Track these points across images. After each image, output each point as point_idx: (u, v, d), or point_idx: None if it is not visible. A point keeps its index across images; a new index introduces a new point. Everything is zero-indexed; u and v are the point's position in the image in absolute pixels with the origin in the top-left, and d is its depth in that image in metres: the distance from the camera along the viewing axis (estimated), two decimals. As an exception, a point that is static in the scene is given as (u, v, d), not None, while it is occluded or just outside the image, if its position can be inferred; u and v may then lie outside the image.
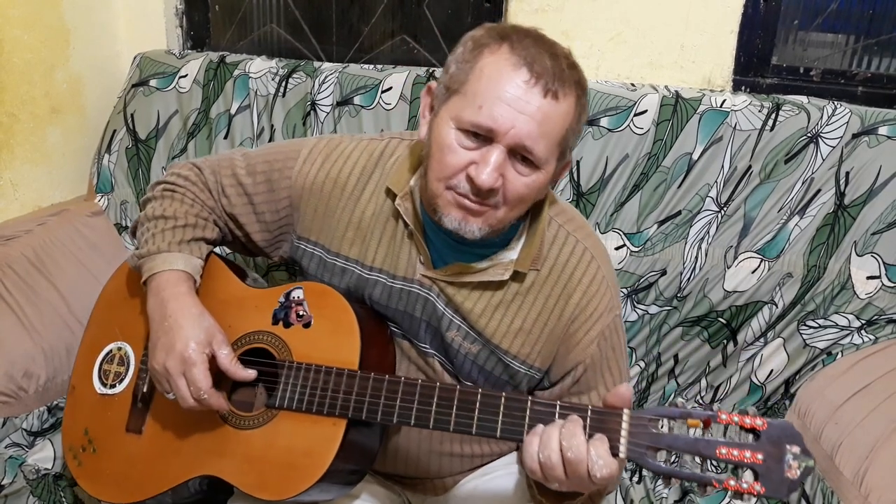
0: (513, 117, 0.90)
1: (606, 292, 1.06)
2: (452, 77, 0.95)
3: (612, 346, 1.07)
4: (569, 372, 1.07)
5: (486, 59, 0.92)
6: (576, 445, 0.84)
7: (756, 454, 0.80)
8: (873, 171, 1.46)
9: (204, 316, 1.07)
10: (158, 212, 1.15)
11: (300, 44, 1.98)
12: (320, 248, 1.13)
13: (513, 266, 1.03)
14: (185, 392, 1.03)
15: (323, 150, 1.14)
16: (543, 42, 0.94)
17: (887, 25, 1.62)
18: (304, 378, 1.04)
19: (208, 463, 1.07)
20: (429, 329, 1.09)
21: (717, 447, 0.82)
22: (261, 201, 1.15)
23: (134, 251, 1.15)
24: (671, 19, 1.64)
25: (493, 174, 0.91)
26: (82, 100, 1.89)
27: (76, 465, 1.18)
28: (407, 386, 0.99)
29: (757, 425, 0.81)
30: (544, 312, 1.05)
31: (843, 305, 1.47)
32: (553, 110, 0.91)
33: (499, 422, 0.93)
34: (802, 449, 0.80)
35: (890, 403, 1.27)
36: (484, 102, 0.90)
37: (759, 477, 0.80)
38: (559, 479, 0.86)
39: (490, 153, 0.92)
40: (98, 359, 1.22)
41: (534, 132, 0.91)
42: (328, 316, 1.07)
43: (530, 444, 0.87)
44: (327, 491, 1.05)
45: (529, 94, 0.90)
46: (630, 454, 0.85)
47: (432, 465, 1.17)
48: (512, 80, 0.90)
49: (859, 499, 1.16)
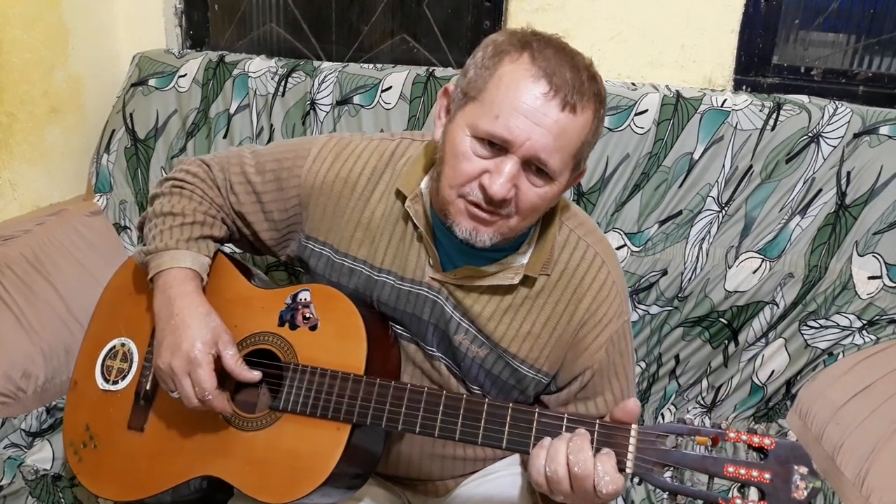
0: (529, 129, 0.88)
1: (616, 297, 1.05)
2: (471, 83, 0.93)
3: (619, 352, 1.07)
4: (576, 377, 1.07)
5: (505, 68, 0.91)
6: (583, 461, 0.84)
7: (763, 473, 0.80)
8: (874, 170, 1.46)
9: (211, 315, 1.06)
10: (167, 208, 1.14)
11: (299, 43, 1.98)
12: (328, 247, 1.12)
13: (523, 270, 1.03)
14: (190, 392, 1.03)
15: (333, 148, 1.13)
16: (565, 52, 0.92)
17: (888, 25, 1.61)
18: (309, 381, 1.03)
19: (210, 463, 1.07)
20: (436, 332, 1.08)
21: (724, 465, 0.81)
22: (269, 200, 1.14)
23: (141, 247, 1.14)
24: (672, 18, 1.64)
25: (506, 185, 0.90)
26: (81, 99, 1.89)
27: (76, 461, 1.17)
28: (413, 393, 0.98)
29: (765, 444, 0.81)
30: (553, 317, 1.05)
31: (845, 306, 1.46)
32: (570, 124, 0.90)
33: (505, 433, 0.92)
34: (810, 469, 0.79)
35: (891, 404, 1.27)
36: (501, 112, 0.89)
37: (766, 496, 0.79)
38: (565, 493, 0.86)
39: (504, 164, 0.90)
40: (101, 355, 1.21)
41: (549, 145, 0.89)
42: (335, 319, 1.06)
43: (537, 457, 0.87)
44: (329, 495, 1.04)
45: (547, 106, 0.88)
46: (637, 470, 0.85)
47: (434, 467, 1.17)
48: (530, 92, 0.88)
49: (860, 499, 1.16)
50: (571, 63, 0.91)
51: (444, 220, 0.98)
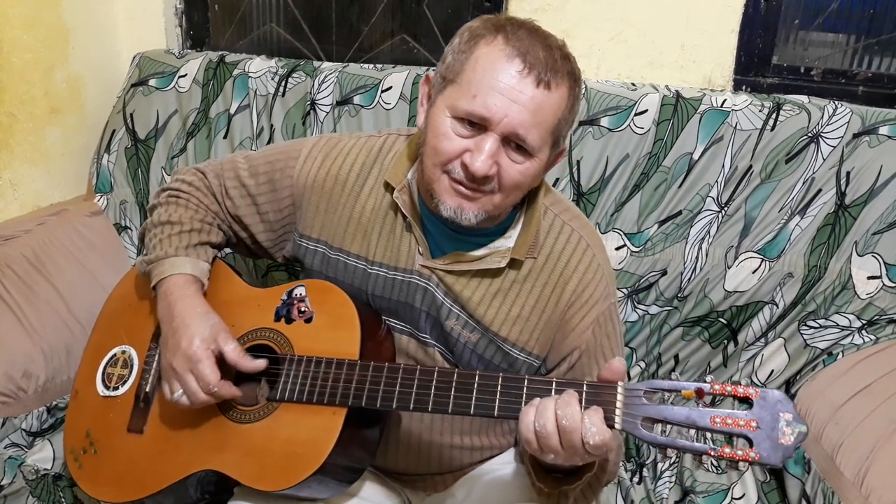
0: (506, 106, 0.92)
1: (602, 280, 1.08)
2: (449, 67, 0.98)
3: (606, 334, 1.09)
4: (564, 358, 1.09)
5: (481, 50, 0.95)
6: (570, 414, 0.85)
7: (750, 422, 0.82)
8: (874, 170, 1.46)
9: (209, 315, 1.09)
10: (164, 217, 1.18)
11: (300, 43, 1.98)
12: (322, 244, 1.15)
13: (510, 254, 1.05)
14: (195, 387, 1.04)
15: (323, 147, 1.16)
16: (538, 33, 0.96)
17: (888, 25, 1.62)
18: (305, 370, 1.05)
19: (209, 458, 1.08)
20: (429, 319, 1.10)
21: (710, 416, 0.83)
22: (264, 202, 1.17)
23: (143, 257, 1.18)
24: (672, 19, 1.64)
25: (487, 161, 0.94)
26: (82, 99, 1.89)
27: (77, 468, 1.18)
28: (406, 372, 1.00)
29: (750, 394, 0.82)
30: (541, 300, 1.07)
31: (844, 305, 1.46)
32: (546, 100, 0.93)
33: (496, 401, 0.94)
34: (795, 415, 0.81)
35: (890, 404, 1.27)
36: (478, 92, 0.93)
37: (754, 444, 0.81)
38: (554, 448, 0.87)
39: (484, 141, 0.94)
40: (102, 363, 1.23)
41: (527, 121, 0.93)
42: (329, 311, 1.08)
43: (526, 414, 0.88)
44: (325, 484, 1.05)
45: (522, 83, 0.92)
46: (625, 425, 0.86)
47: (433, 458, 1.18)
48: (505, 70, 0.92)
49: (860, 499, 1.16)
50: (544, 43, 0.95)
51: (429, 201, 1.02)
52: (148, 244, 1.19)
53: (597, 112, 1.57)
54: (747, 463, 0.81)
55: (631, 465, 1.50)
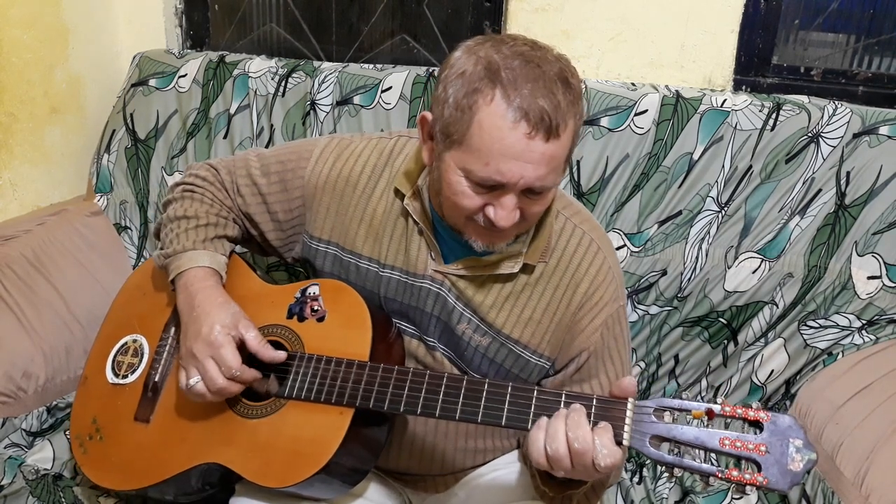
0: (520, 169, 0.91)
1: (612, 282, 1.08)
2: (450, 124, 0.93)
3: (614, 336, 1.09)
4: (573, 359, 1.09)
5: (482, 112, 0.90)
6: (581, 436, 0.86)
7: (759, 445, 0.81)
8: (874, 170, 1.46)
9: (229, 303, 1.10)
10: (180, 212, 1.18)
11: (300, 43, 1.98)
12: (334, 246, 1.15)
13: (522, 259, 1.05)
14: (215, 373, 1.04)
15: (335, 149, 1.17)
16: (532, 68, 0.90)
17: (888, 25, 1.62)
18: (315, 368, 1.06)
19: (213, 451, 1.08)
20: (438, 324, 1.11)
21: (720, 438, 0.82)
22: (274, 201, 1.18)
23: (159, 251, 1.18)
24: (672, 19, 1.64)
25: (511, 216, 0.95)
26: (81, 99, 1.89)
27: (81, 453, 1.19)
28: (415, 376, 1.00)
29: (760, 418, 0.82)
30: (553, 302, 1.08)
31: (844, 305, 1.46)
32: (556, 148, 0.92)
33: (504, 410, 0.94)
34: (805, 442, 0.81)
35: (891, 404, 1.27)
36: (490, 160, 0.91)
37: (762, 468, 0.80)
38: (566, 468, 0.87)
39: (504, 196, 0.94)
40: (113, 350, 1.24)
41: (542, 173, 0.92)
42: (342, 311, 1.09)
43: (537, 438, 0.88)
44: (329, 484, 1.05)
45: (532, 144, 0.90)
46: (633, 443, 0.86)
47: (436, 459, 1.18)
48: (513, 136, 0.89)
49: (860, 499, 1.16)
50: (543, 83, 0.89)
51: (457, 235, 1.03)
52: (164, 239, 1.19)
53: (597, 112, 1.56)
54: (755, 487, 0.80)
55: (631, 465, 1.50)
